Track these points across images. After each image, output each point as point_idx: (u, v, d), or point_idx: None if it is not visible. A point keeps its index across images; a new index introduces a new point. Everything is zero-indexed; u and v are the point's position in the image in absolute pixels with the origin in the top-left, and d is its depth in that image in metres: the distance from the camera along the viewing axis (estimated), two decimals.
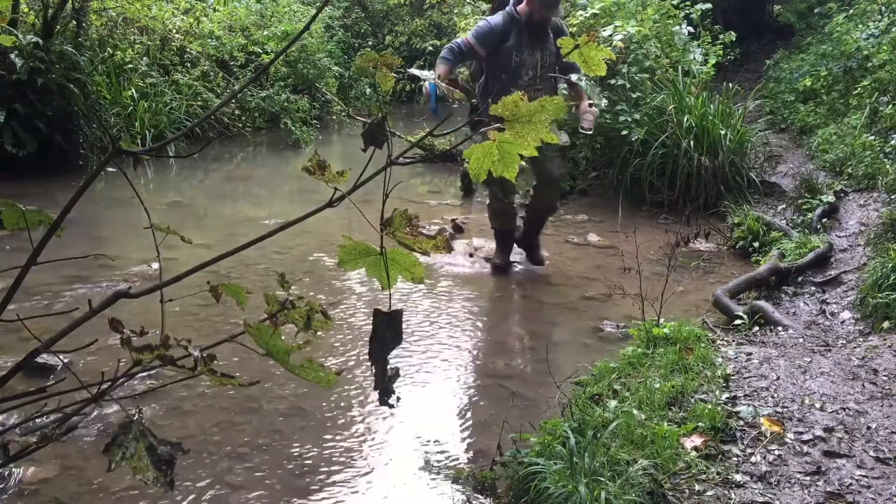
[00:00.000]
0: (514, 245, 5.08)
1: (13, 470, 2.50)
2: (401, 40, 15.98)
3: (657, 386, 2.74)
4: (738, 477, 2.18)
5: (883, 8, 7.97)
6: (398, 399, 1.00)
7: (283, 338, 0.95)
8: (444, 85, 3.72)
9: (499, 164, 1.01)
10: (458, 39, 4.48)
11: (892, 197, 4.88)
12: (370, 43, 15.66)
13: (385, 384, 0.99)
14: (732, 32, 7.96)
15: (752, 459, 2.28)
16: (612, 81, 6.59)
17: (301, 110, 10.92)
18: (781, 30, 12.08)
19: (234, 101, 9.94)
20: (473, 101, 4.59)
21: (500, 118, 4.23)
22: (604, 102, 6.24)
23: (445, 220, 6.16)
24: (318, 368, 0.93)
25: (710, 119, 6.34)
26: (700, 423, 2.44)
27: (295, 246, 5.24)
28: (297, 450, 2.79)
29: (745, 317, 3.59)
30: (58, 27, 7.34)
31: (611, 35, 6.44)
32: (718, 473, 2.20)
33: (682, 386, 2.75)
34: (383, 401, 1.00)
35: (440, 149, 7.36)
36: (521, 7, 4.55)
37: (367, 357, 1.01)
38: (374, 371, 0.99)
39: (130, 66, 8.91)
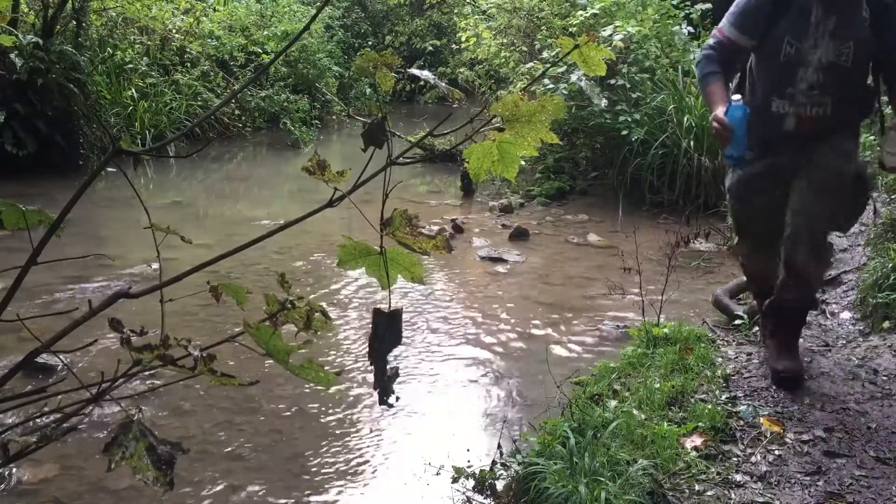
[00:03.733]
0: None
1: (13, 470, 2.50)
2: (401, 40, 15.99)
3: (657, 386, 2.74)
4: (738, 477, 2.18)
5: None
6: (397, 399, 1.00)
7: (282, 338, 0.95)
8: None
9: (498, 164, 1.01)
10: (712, 37, 2.81)
11: (892, 197, 4.88)
12: (370, 43, 15.67)
13: (384, 384, 0.99)
14: None
15: (752, 459, 2.28)
16: (612, 81, 6.59)
17: (301, 110, 10.92)
18: None
19: (234, 101, 9.95)
20: None
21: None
22: (604, 102, 6.25)
23: (445, 220, 6.15)
24: (318, 369, 0.93)
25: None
26: (700, 423, 2.44)
27: (295, 246, 5.24)
28: (297, 450, 2.79)
29: (745, 317, 3.59)
30: (58, 27, 7.34)
31: (611, 35, 6.44)
32: (718, 473, 2.20)
33: (682, 386, 2.75)
34: (382, 400, 1.00)
35: (440, 149, 7.37)
36: None
37: (366, 356, 1.01)
38: (373, 370, 0.99)
39: (130, 66, 8.91)
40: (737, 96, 2.63)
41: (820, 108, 2.61)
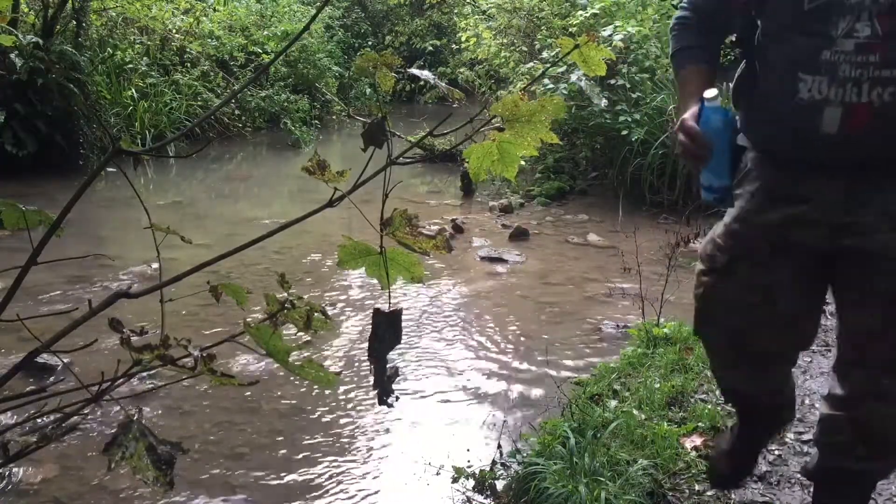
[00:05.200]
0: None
1: (13, 470, 2.50)
2: (401, 40, 15.98)
3: (657, 386, 2.74)
4: None
5: None
6: (397, 398, 1.00)
7: (282, 338, 0.95)
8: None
9: (498, 164, 1.01)
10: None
11: None
12: (370, 43, 15.67)
13: (384, 384, 0.99)
14: None
15: None
16: (612, 81, 6.59)
17: (301, 110, 10.92)
18: None
19: (234, 101, 9.95)
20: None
21: None
22: (604, 102, 6.25)
23: (445, 220, 6.16)
24: (318, 368, 0.93)
25: None
26: (700, 423, 2.44)
27: (295, 246, 5.24)
28: (297, 450, 2.79)
29: None
30: (58, 27, 7.34)
31: (611, 35, 6.44)
32: None
33: (682, 386, 2.75)
34: (382, 400, 1.00)
35: (440, 149, 7.38)
36: None
37: (366, 357, 1.01)
38: (373, 370, 0.99)
39: (130, 66, 8.91)
40: (711, 91, 1.52)
41: (885, 91, 1.35)
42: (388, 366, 1.00)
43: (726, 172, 1.54)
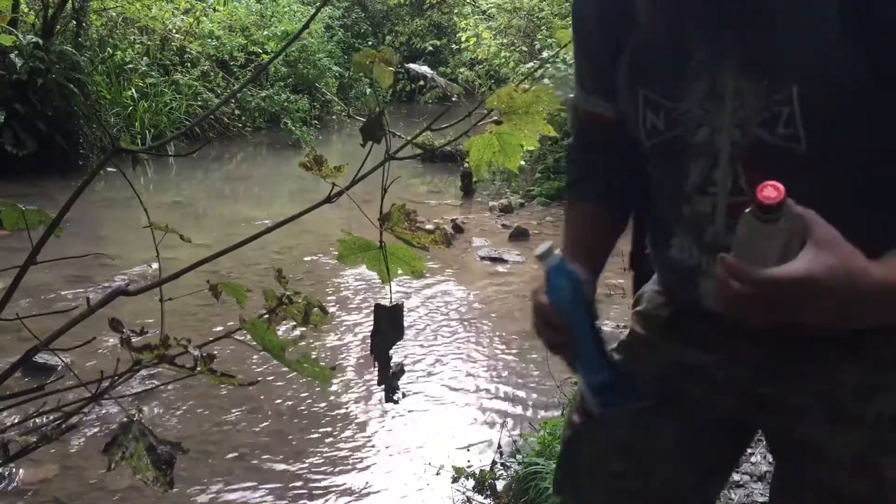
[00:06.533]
0: None
1: (13, 470, 2.50)
2: (401, 40, 16.01)
3: None
4: (737, 477, 2.18)
5: None
6: (403, 395, 1.00)
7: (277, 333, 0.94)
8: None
9: (499, 155, 1.01)
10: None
11: None
12: (370, 43, 15.69)
13: (390, 380, 0.99)
14: None
15: (752, 459, 2.28)
16: None
17: (301, 110, 10.93)
18: None
19: (233, 100, 9.95)
20: None
21: None
22: None
23: (445, 220, 6.15)
24: (313, 364, 0.92)
25: None
26: None
27: (295, 246, 5.24)
28: (297, 450, 2.78)
29: None
30: (58, 27, 7.35)
31: None
32: None
33: None
34: (389, 397, 1.00)
35: (439, 146, 7.39)
36: None
37: (368, 356, 1.01)
38: (376, 367, 0.98)
39: (130, 66, 8.92)
40: (543, 246, 1.07)
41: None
42: (392, 363, 1.00)
43: (596, 360, 1.02)
